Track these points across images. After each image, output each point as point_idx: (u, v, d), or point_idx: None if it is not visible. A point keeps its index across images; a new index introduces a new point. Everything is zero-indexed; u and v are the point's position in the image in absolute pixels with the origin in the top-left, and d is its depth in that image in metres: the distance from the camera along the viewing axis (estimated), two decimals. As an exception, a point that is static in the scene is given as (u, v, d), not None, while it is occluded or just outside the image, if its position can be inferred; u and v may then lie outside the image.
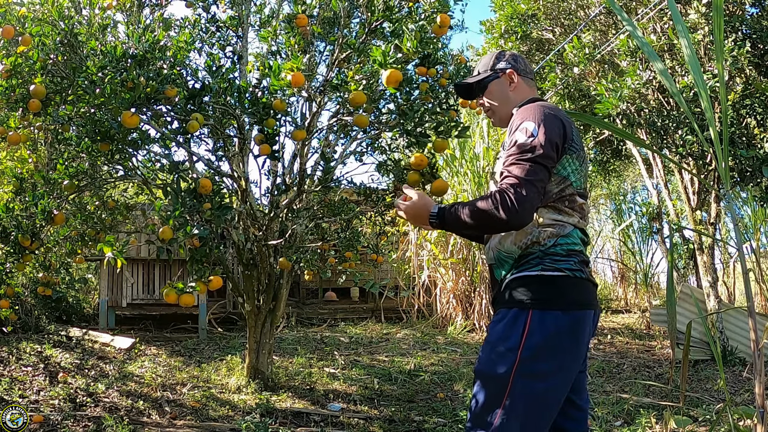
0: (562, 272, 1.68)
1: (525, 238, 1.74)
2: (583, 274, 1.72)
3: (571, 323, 1.66)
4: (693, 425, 3.50)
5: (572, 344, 1.66)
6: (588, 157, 1.82)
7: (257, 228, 4.04)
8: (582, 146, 1.80)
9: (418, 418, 3.83)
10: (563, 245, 1.71)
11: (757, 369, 1.94)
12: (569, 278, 1.69)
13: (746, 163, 4.89)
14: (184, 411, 3.86)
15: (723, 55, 2.28)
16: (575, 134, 1.77)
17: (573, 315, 1.67)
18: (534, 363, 1.62)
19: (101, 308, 7.11)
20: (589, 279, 1.76)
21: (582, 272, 1.72)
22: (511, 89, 1.96)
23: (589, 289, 1.75)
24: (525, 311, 1.66)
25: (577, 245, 1.74)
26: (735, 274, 8.69)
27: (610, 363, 5.52)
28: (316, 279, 6.65)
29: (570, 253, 1.71)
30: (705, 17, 5.02)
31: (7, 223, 3.43)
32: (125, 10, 4.01)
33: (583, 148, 1.80)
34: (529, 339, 1.62)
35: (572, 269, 1.70)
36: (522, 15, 7.55)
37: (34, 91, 3.15)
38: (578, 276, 1.70)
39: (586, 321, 1.70)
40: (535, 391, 1.61)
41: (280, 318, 4.87)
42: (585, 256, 1.78)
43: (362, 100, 2.99)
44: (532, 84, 2.00)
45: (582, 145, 1.80)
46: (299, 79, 2.95)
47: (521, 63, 1.99)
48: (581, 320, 1.69)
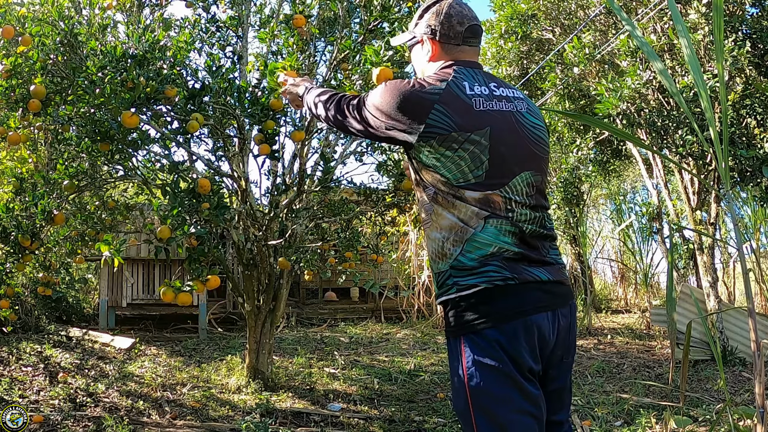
0: (478, 287, 1.46)
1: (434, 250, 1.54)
2: (512, 280, 1.45)
3: (508, 338, 1.44)
4: (693, 425, 3.50)
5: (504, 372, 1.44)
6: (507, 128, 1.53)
7: (257, 228, 4.04)
8: (460, 127, 1.47)
9: (418, 418, 3.83)
10: (471, 252, 1.47)
11: (757, 369, 1.94)
12: (489, 290, 1.45)
13: (746, 163, 4.89)
14: (184, 411, 3.86)
15: (723, 55, 2.29)
16: (438, 117, 1.48)
17: (508, 327, 1.44)
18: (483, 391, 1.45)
19: (101, 308, 7.11)
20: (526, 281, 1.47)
21: (511, 277, 1.46)
22: (428, 59, 1.67)
23: (525, 292, 1.47)
24: (457, 340, 1.50)
25: (495, 244, 1.47)
26: (735, 274, 8.69)
27: (610, 363, 5.52)
28: (316, 279, 6.65)
29: (485, 261, 1.46)
30: (705, 17, 5.02)
31: (7, 223, 3.43)
32: (125, 10, 4.01)
33: (466, 129, 1.47)
34: (469, 369, 1.46)
35: (492, 279, 1.45)
36: (522, 15, 7.55)
37: (34, 91, 3.15)
38: (502, 285, 1.45)
39: (528, 329, 1.46)
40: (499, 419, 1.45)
41: (280, 318, 4.87)
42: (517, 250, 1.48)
43: None
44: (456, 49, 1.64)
45: (461, 125, 1.47)
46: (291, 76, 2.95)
47: (445, 25, 1.63)
48: (522, 329, 1.45)
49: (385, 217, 4.52)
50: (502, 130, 1.52)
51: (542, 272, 1.50)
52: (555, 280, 1.53)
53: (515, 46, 7.81)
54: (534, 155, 1.58)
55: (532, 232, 1.53)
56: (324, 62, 4.24)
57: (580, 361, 5.72)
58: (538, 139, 1.61)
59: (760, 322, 5.34)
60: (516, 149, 1.54)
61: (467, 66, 1.61)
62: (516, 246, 1.49)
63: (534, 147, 1.59)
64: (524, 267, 1.49)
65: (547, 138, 1.69)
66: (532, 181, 1.55)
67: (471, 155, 1.48)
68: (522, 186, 1.53)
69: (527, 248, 1.51)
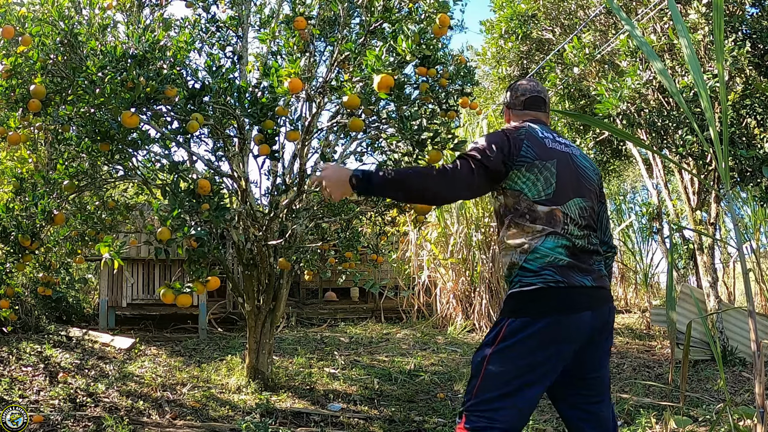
0: (535, 285, 1.87)
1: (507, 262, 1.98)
2: (563, 283, 1.85)
3: (541, 328, 1.82)
4: (693, 425, 3.50)
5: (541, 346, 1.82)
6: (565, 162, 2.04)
7: (257, 228, 4.04)
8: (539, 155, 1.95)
9: (418, 418, 3.83)
10: (532, 261, 1.89)
11: (757, 369, 1.94)
12: (543, 290, 1.86)
13: (746, 163, 4.89)
14: (184, 411, 3.86)
15: (723, 55, 2.28)
16: (526, 149, 1.95)
17: (545, 320, 1.83)
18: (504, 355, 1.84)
19: (101, 308, 7.11)
20: (574, 286, 1.87)
21: (561, 281, 1.86)
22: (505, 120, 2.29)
23: (571, 294, 1.87)
24: (504, 319, 1.90)
25: (551, 255, 1.88)
26: (735, 274, 8.69)
27: (610, 363, 5.52)
28: (316, 279, 6.66)
29: (543, 267, 1.88)
30: (705, 17, 5.02)
31: (7, 223, 3.43)
32: (125, 10, 4.01)
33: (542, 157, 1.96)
34: (506, 336, 1.86)
35: (546, 281, 1.86)
36: (522, 15, 7.55)
37: (34, 91, 3.15)
38: (554, 286, 1.85)
39: (565, 324, 1.84)
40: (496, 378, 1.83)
41: (280, 318, 4.87)
42: (566, 257, 1.89)
43: (356, 104, 3.01)
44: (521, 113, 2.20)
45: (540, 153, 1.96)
46: (297, 86, 2.96)
47: (512, 96, 2.23)
48: (557, 324, 1.83)
49: (385, 217, 4.52)
50: (562, 163, 2.00)
51: (587, 279, 1.91)
52: (597, 286, 1.93)
53: (515, 46, 7.81)
54: (583, 187, 2.04)
55: (582, 247, 1.95)
56: (323, 62, 4.24)
57: (580, 361, 5.72)
58: (587, 176, 2.08)
59: (760, 322, 5.34)
60: (571, 179, 2.00)
61: (534, 122, 2.13)
62: (566, 255, 1.90)
63: (584, 181, 2.06)
64: (573, 274, 1.89)
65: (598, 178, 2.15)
66: (584, 206, 2.01)
67: (545, 178, 1.95)
68: (575, 208, 1.98)
69: (576, 259, 1.92)
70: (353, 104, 3.00)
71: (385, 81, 2.80)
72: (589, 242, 1.98)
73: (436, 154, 3.04)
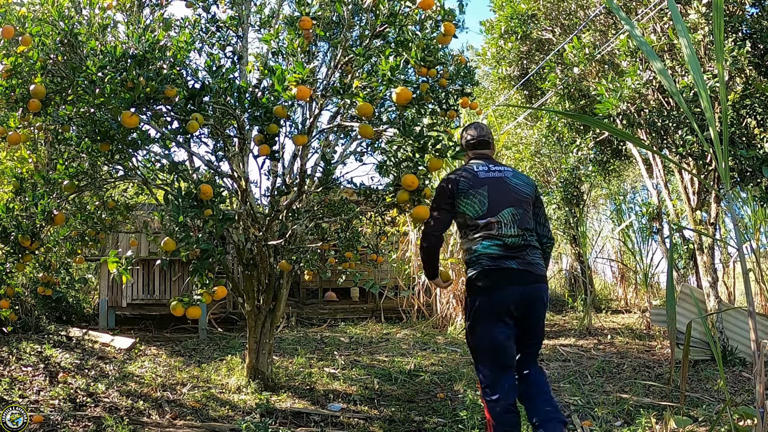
0: (476, 269, 2.81)
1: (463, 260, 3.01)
2: (494, 267, 2.76)
3: (484, 300, 2.77)
4: (693, 425, 3.50)
5: (489, 313, 2.75)
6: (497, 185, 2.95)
7: (257, 228, 4.04)
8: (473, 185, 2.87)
9: (418, 418, 3.83)
10: (473, 254, 2.84)
11: (757, 369, 1.94)
12: (480, 272, 2.79)
13: (746, 163, 4.89)
14: (184, 411, 3.86)
15: (723, 55, 2.28)
16: (463, 182, 2.89)
17: (486, 294, 2.76)
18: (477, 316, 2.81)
19: (101, 308, 7.11)
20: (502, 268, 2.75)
21: (493, 265, 2.76)
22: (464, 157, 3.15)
23: (500, 274, 2.75)
24: (467, 298, 2.90)
25: (486, 251, 2.79)
26: (735, 274, 8.68)
27: (610, 363, 5.52)
28: (316, 279, 6.66)
29: (479, 257, 2.80)
30: (705, 17, 5.02)
31: (7, 223, 3.43)
32: (125, 10, 4.01)
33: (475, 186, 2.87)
34: (473, 307, 2.82)
35: (483, 266, 2.78)
36: (522, 15, 7.55)
37: (34, 91, 3.15)
38: (488, 268, 2.76)
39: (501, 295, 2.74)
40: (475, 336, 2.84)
41: (280, 318, 4.87)
42: (499, 252, 2.77)
43: (369, 112, 3.00)
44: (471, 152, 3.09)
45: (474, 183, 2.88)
46: (305, 93, 2.96)
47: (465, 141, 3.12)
48: (495, 296, 2.74)
49: (385, 217, 4.52)
50: (494, 186, 2.90)
51: (515, 263, 2.76)
52: (527, 272, 2.77)
53: (515, 47, 7.81)
54: (515, 199, 2.89)
55: (515, 244, 2.80)
56: (325, 63, 4.24)
57: (580, 361, 5.72)
58: (519, 190, 2.93)
59: (760, 322, 5.34)
60: (504, 196, 2.88)
61: (479, 157, 3.06)
62: (500, 251, 2.78)
63: (516, 194, 2.91)
64: (505, 262, 2.76)
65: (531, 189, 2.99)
66: (516, 212, 2.86)
67: (479, 200, 2.86)
68: (508, 215, 2.84)
69: (509, 252, 2.78)
70: (367, 112, 2.99)
71: (405, 95, 2.92)
72: (522, 239, 2.81)
73: (435, 162, 3.03)
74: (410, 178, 2.93)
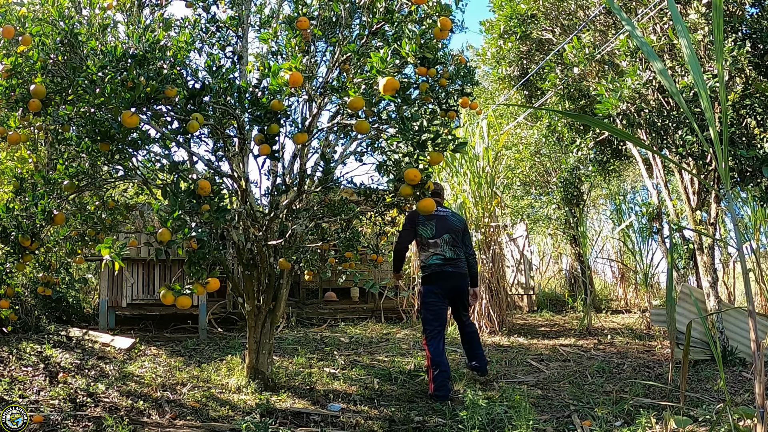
0: (427, 272, 4.57)
1: (420, 265, 4.70)
2: (438, 270, 4.53)
3: (429, 288, 4.54)
4: (693, 425, 3.50)
5: (432, 296, 4.52)
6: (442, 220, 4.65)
7: (257, 228, 4.04)
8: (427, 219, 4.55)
9: (418, 418, 3.83)
10: (425, 262, 4.60)
11: (757, 369, 1.94)
12: (431, 273, 4.55)
13: (746, 163, 4.89)
14: (184, 411, 3.86)
15: (723, 55, 2.29)
16: (420, 219, 4.55)
17: (430, 285, 4.55)
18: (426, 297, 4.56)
19: (101, 308, 7.11)
20: (441, 272, 4.53)
21: (437, 271, 4.53)
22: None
23: (439, 275, 4.52)
24: (421, 288, 4.65)
25: (432, 260, 4.55)
26: (735, 274, 8.69)
27: (610, 363, 5.52)
28: (316, 279, 6.65)
29: (428, 266, 4.57)
30: (705, 17, 5.02)
31: (7, 223, 3.43)
32: (125, 10, 4.01)
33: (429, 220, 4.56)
34: (424, 293, 4.58)
35: (432, 269, 4.55)
36: (521, 15, 7.55)
37: (34, 91, 3.15)
38: (435, 271, 4.53)
39: (441, 286, 4.53)
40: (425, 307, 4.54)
41: (280, 318, 4.87)
42: (440, 262, 4.54)
43: (360, 105, 3.03)
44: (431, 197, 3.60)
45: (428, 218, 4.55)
46: (297, 78, 2.96)
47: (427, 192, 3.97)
48: (437, 286, 4.53)
49: (385, 217, 4.52)
50: (440, 221, 4.62)
51: (449, 268, 4.56)
52: (456, 272, 4.59)
53: (515, 46, 7.81)
54: (451, 228, 4.63)
55: (449, 257, 4.57)
56: (324, 62, 4.24)
57: (580, 361, 5.72)
58: (453, 225, 4.66)
59: (760, 322, 5.34)
60: (444, 226, 4.61)
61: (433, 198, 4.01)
62: (441, 261, 4.56)
63: (451, 225, 4.65)
64: (444, 267, 4.55)
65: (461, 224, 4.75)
66: (450, 238, 4.60)
67: (430, 228, 4.59)
68: (448, 239, 4.60)
69: (446, 262, 4.56)
70: (357, 106, 3.02)
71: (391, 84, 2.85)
72: (454, 253, 4.57)
73: (436, 156, 3.06)
74: (413, 172, 2.99)
